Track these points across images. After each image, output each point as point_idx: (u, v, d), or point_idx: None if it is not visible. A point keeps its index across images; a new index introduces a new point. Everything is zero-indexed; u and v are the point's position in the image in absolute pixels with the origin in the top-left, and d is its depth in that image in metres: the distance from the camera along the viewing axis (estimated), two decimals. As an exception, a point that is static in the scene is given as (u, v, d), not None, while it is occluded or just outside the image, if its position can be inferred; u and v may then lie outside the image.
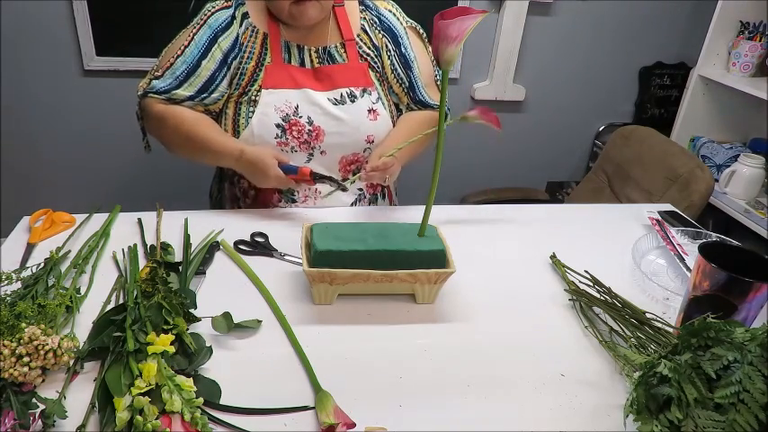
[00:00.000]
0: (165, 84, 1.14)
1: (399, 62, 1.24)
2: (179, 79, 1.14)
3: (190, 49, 1.14)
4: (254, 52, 1.16)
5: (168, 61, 1.15)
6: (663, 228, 1.15)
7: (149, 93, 1.15)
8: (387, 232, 0.92)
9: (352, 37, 1.21)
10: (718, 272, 0.75)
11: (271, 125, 1.15)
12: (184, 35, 1.16)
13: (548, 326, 0.90)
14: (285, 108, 1.16)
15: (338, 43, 1.21)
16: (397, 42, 1.24)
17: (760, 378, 0.58)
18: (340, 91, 1.19)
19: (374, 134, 1.22)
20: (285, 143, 1.17)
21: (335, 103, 1.18)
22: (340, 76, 1.19)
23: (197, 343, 0.76)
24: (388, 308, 0.90)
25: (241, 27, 1.16)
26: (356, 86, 1.20)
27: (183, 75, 1.14)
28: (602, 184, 1.94)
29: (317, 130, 1.17)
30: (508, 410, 0.73)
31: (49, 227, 1.05)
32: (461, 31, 0.78)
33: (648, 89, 2.59)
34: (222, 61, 1.14)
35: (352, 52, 1.21)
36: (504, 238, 1.16)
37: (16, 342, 0.69)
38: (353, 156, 1.23)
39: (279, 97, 1.16)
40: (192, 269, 0.95)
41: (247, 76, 1.16)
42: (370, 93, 1.21)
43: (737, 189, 2.07)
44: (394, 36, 1.24)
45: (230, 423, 0.68)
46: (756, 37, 2.08)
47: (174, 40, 1.19)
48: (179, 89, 1.14)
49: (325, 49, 1.20)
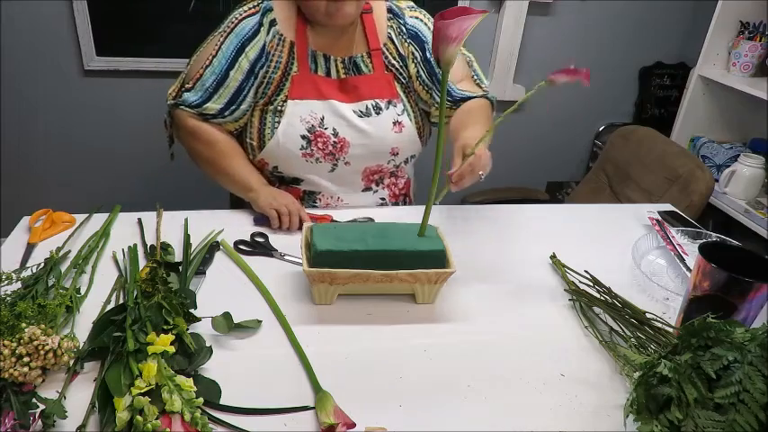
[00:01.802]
0: (197, 97, 1.15)
1: (424, 69, 1.21)
2: (209, 91, 1.14)
3: (218, 59, 1.13)
4: (280, 62, 1.15)
5: (198, 72, 1.15)
6: (663, 228, 1.15)
7: (181, 106, 1.16)
8: (387, 232, 0.92)
9: (378, 46, 1.19)
10: (718, 272, 0.75)
11: (296, 136, 1.15)
12: (212, 43, 1.15)
13: (548, 326, 0.90)
14: (311, 119, 1.15)
15: (364, 53, 1.19)
16: (423, 48, 1.21)
17: (760, 378, 0.58)
18: (365, 103, 1.18)
19: (398, 146, 1.21)
20: (310, 154, 1.17)
21: (361, 116, 1.17)
22: (365, 88, 1.18)
23: (197, 343, 0.76)
24: (388, 308, 0.90)
25: (268, 35, 1.14)
26: (381, 98, 1.19)
27: (212, 86, 1.14)
28: (602, 184, 1.94)
29: (341, 141, 1.17)
30: (508, 410, 0.73)
31: (49, 227, 1.05)
32: (461, 31, 0.78)
33: (648, 89, 2.58)
34: (249, 71, 1.13)
35: (378, 62, 1.19)
36: (504, 238, 1.16)
37: (16, 342, 0.69)
38: (377, 167, 1.23)
39: (304, 108, 1.15)
40: (191, 269, 0.95)
41: (273, 86, 1.15)
42: (396, 104, 1.20)
43: (737, 189, 2.07)
44: (420, 43, 1.21)
45: (230, 423, 0.68)
46: (756, 37, 2.08)
47: (201, 48, 1.17)
48: (209, 102, 1.14)
49: (351, 58, 1.18)
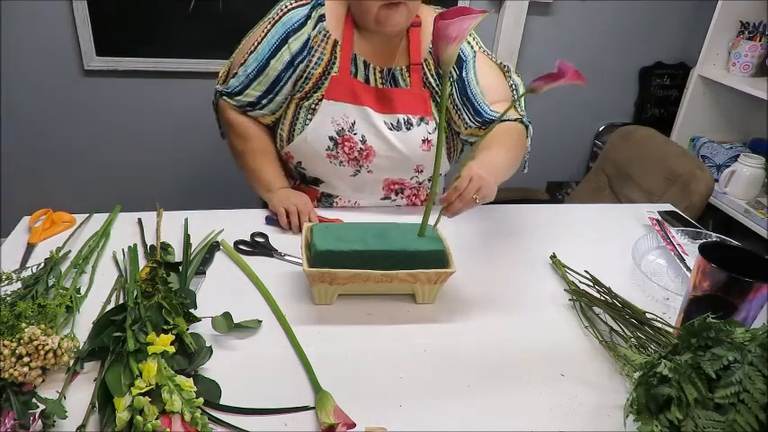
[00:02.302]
0: (238, 83, 1.16)
1: (457, 87, 1.17)
2: (249, 78, 1.15)
3: (262, 45, 1.13)
4: (322, 59, 1.14)
5: (243, 57, 1.16)
6: (663, 228, 1.15)
7: (224, 94, 1.19)
8: (387, 232, 0.92)
9: (419, 61, 1.18)
10: (718, 272, 0.75)
11: (324, 136, 1.15)
12: (259, 30, 1.15)
13: (548, 326, 0.90)
14: (341, 122, 1.15)
15: (404, 66, 1.18)
16: (461, 67, 1.17)
17: (760, 378, 0.58)
18: (398, 116, 1.17)
19: (424, 164, 1.20)
20: (335, 156, 1.17)
21: (391, 128, 1.16)
22: (400, 102, 1.17)
23: (197, 343, 0.76)
24: (388, 308, 0.90)
25: (314, 30, 1.13)
26: (414, 114, 1.17)
27: (253, 73, 1.15)
28: (602, 184, 1.94)
29: (368, 149, 1.16)
30: (508, 410, 0.73)
31: (49, 227, 1.05)
32: (461, 30, 0.78)
33: (648, 89, 2.58)
34: (289, 63, 1.13)
35: (417, 78, 1.18)
36: (505, 238, 1.16)
37: (16, 342, 0.69)
38: (399, 180, 1.23)
39: (338, 110, 1.15)
40: (192, 269, 0.95)
41: (312, 82, 1.15)
42: (428, 122, 1.18)
43: (737, 189, 2.07)
44: (459, 61, 1.17)
45: (230, 423, 0.68)
46: (756, 37, 2.08)
47: (249, 34, 1.19)
48: (249, 88, 1.16)
49: (390, 70, 1.17)
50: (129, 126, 2.17)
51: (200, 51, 2.07)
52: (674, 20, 2.47)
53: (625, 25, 2.44)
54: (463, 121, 1.18)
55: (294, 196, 1.16)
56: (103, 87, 2.08)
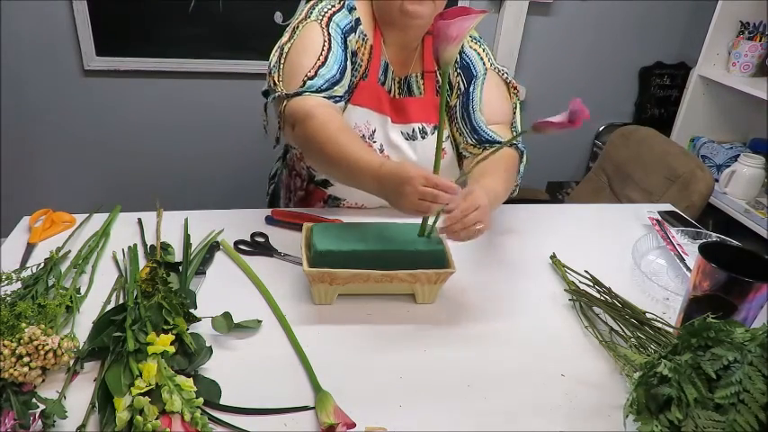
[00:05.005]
0: (323, 81, 1.03)
1: (462, 102, 1.16)
2: (336, 77, 1.05)
3: (333, 45, 1.07)
4: (361, 64, 1.13)
5: (318, 60, 1.05)
6: (663, 228, 1.15)
7: (307, 91, 1.02)
8: (387, 232, 0.92)
9: (433, 69, 1.17)
10: (718, 272, 0.75)
11: None
12: (313, 32, 1.06)
13: (548, 326, 0.90)
14: (363, 129, 1.14)
15: (419, 73, 1.18)
16: (470, 82, 1.16)
17: (760, 378, 0.58)
18: (413, 126, 1.17)
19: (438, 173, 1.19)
20: None
21: (407, 138, 1.16)
22: (414, 111, 1.17)
23: (197, 343, 0.76)
24: (388, 308, 0.90)
25: (355, 34, 1.12)
26: (428, 123, 1.17)
27: (338, 72, 1.06)
28: (602, 184, 1.94)
29: None
30: (508, 410, 0.73)
31: (49, 227, 1.05)
32: (461, 30, 0.78)
33: (648, 89, 2.58)
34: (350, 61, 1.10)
35: (430, 85, 1.18)
36: (504, 238, 1.16)
37: (16, 342, 0.69)
38: None
39: (362, 116, 1.13)
40: (192, 269, 0.95)
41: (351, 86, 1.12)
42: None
43: (737, 189, 2.07)
44: (469, 75, 1.16)
45: (230, 423, 0.68)
46: (756, 37, 2.08)
47: (295, 37, 1.07)
48: (337, 85, 1.05)
49: (406, 78, 1.17)
50: (129, 126, 2.17)
51: (201, 51, 2.07)
52: (674, 20, 2.47)
53: (625, 25, 2.44)
54: (461, 134, 1.18)
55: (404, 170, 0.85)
56: (103, 87, 2.08)
